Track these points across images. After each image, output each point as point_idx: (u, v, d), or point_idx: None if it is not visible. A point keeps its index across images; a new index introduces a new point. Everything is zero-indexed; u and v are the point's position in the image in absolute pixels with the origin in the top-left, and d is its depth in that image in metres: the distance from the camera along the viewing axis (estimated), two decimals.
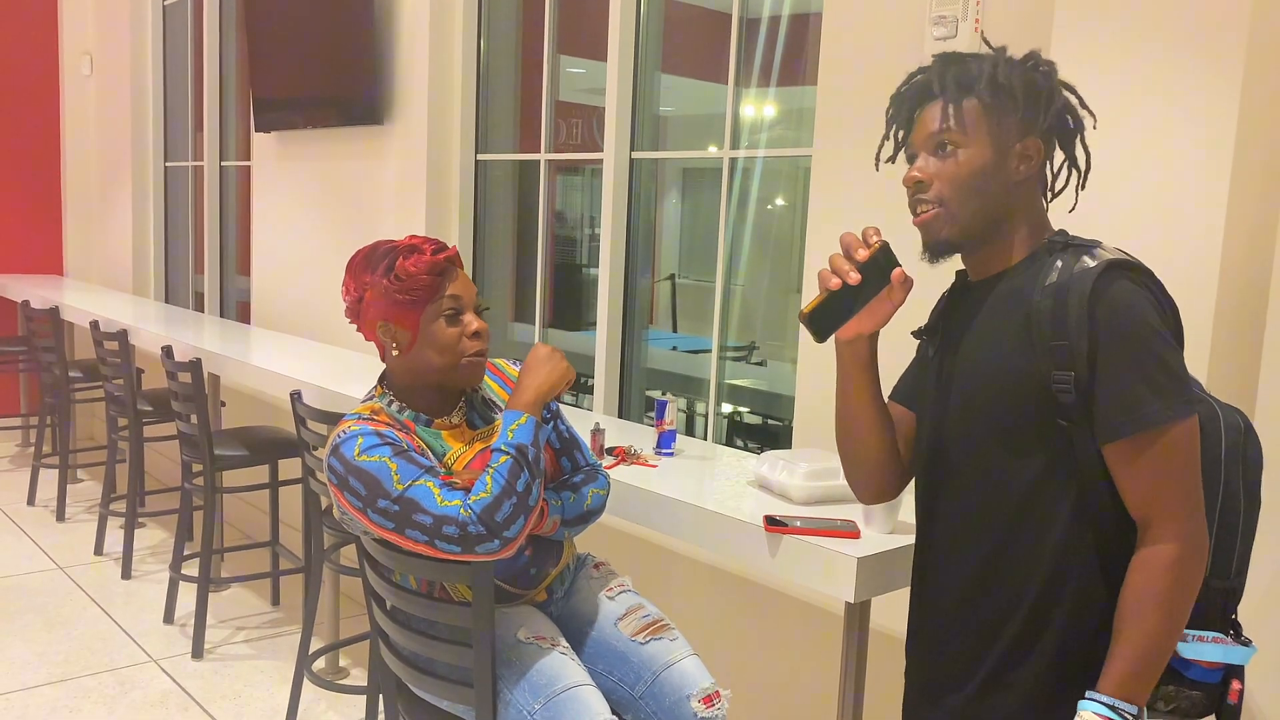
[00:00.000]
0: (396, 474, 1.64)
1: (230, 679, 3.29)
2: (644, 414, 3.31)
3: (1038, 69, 1.32)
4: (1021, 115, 1.29)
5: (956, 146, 1.29)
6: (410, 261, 1.74)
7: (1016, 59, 1.33)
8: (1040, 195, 1.37)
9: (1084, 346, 1.22)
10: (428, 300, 1.75)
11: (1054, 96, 1.31)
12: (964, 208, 1.30)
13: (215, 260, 5.33)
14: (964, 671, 1.37)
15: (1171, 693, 1.33)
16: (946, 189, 1.30)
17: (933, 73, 1.33)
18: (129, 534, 4.14)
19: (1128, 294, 1.22)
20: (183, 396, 3.46)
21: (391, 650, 1.88)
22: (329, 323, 4.21)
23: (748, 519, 1.90)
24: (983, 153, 1.29)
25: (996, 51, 1.35)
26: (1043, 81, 1.31)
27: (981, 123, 1.29)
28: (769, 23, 2.89)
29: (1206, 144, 1.73)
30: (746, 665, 2.74)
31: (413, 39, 3.71)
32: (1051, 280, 1.26)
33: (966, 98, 1.29)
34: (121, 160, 5.78)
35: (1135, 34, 1.80)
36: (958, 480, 1.38)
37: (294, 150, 4.43)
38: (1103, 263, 1.23)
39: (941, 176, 1.31)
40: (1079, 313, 1.22)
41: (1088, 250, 1.27)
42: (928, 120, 1.32)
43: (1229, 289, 1.76)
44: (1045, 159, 1.34)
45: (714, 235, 2.97)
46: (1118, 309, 1.21)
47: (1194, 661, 1.29)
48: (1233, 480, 1.29)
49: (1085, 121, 1.37)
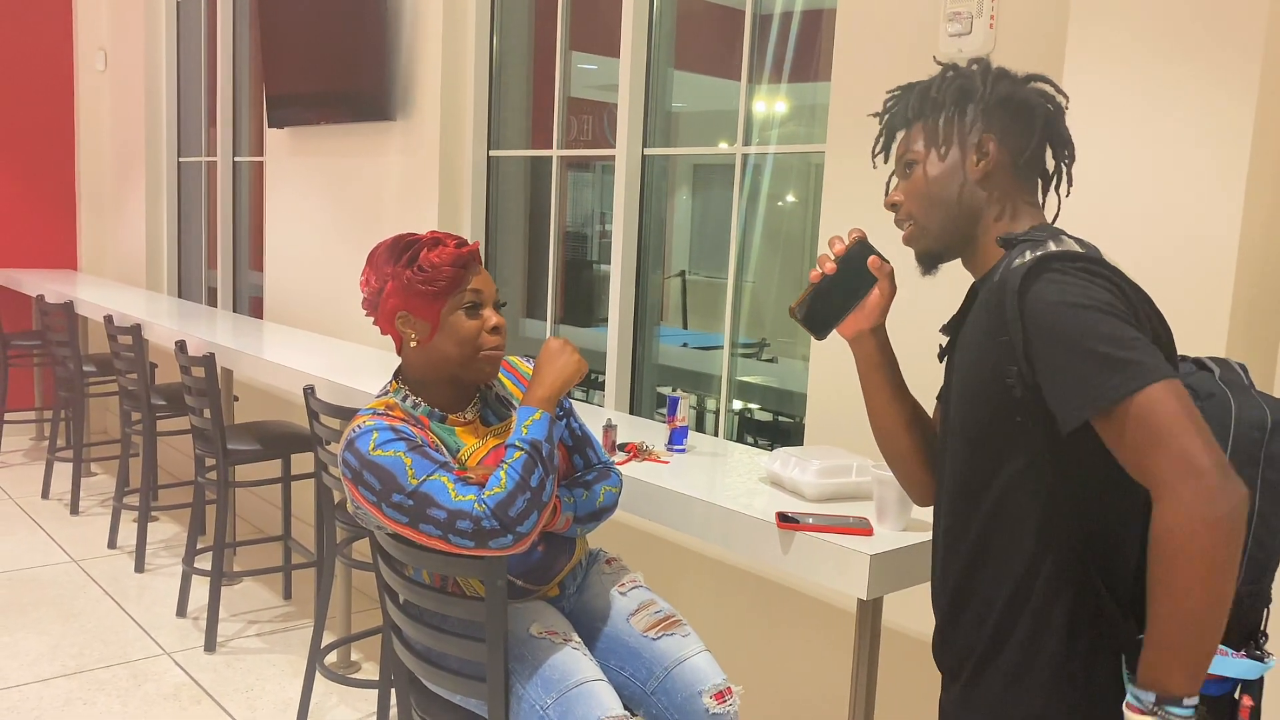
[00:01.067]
0: (411, 469, 1.65)
1: (242, 672, 3.31)
2: (655, 410, 3.31)
3: (973, 70, 1.35)
4: (955, 115, 1.34)
5: (914, 164, 1.38)
6: (434, 254, 1.75)
7: (961, 70, 1.37)
8: (1021, 191, 1.35)
9: (1020, 342, 1.21)
10: (450, 292, 1.76)
11: (990, 89, 1.33)
12: (930, 217, 1.37)
13: (228, 255, 5.35)
14: (959, 667, 1.39)
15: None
16: (913, 204, 1.38)
17: (895, 104, 1.42)
18: (142, 527, 4.16)
19: (1053, 285, 1.19)
20: (196, 391, 3.48)
21: (404, 644, 1.89)
22: (342, 318, 4.23)
23: (760, 515, 1.90)
24: (935, 163, 1.36)
25: (946, 66, 1.39)
26: (976, 82, 1.34)
27: (928, 136, 1.37)
28: (781, 19, 2.88)
29: (1222, 143, 1.72)
30: (758, 662, 2.74)
31: (425, 35, 3.72)
32: (995, 277, 1.28)
33: (917, 120, 1.38)
34: (135, 155, 5.80)
35: (1151, 33, 1.79)
36: (946, 481, 1.40)
37: (307, 146, 4.44)
38: (1033, 258, 1.23)
39: (908, 194, 1.39)
40: (1012, 310, 1.22)
41: (1033, 244, 1.27)
42: (896, 150, 1.42)
43: (1244, 291, 1.75)
44: (1011, 151, 1.33)
45: (725, 232, 2.97)
46: (1042, 302, 1.19)
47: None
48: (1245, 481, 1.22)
49: (1059, 102, 1.35)
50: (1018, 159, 1.34)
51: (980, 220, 1.36)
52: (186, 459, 5.20)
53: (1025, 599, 1.29)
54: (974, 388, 1.31)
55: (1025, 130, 1.33)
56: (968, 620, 1.36)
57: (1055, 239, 1.27)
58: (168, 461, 5.50)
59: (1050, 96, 1.36)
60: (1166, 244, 1.79)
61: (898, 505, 1.84)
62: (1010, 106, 1.33)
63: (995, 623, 1.31)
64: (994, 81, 1.34)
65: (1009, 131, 1.33)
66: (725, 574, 2.82)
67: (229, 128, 5.25)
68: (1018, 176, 1.35)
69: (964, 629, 1.37)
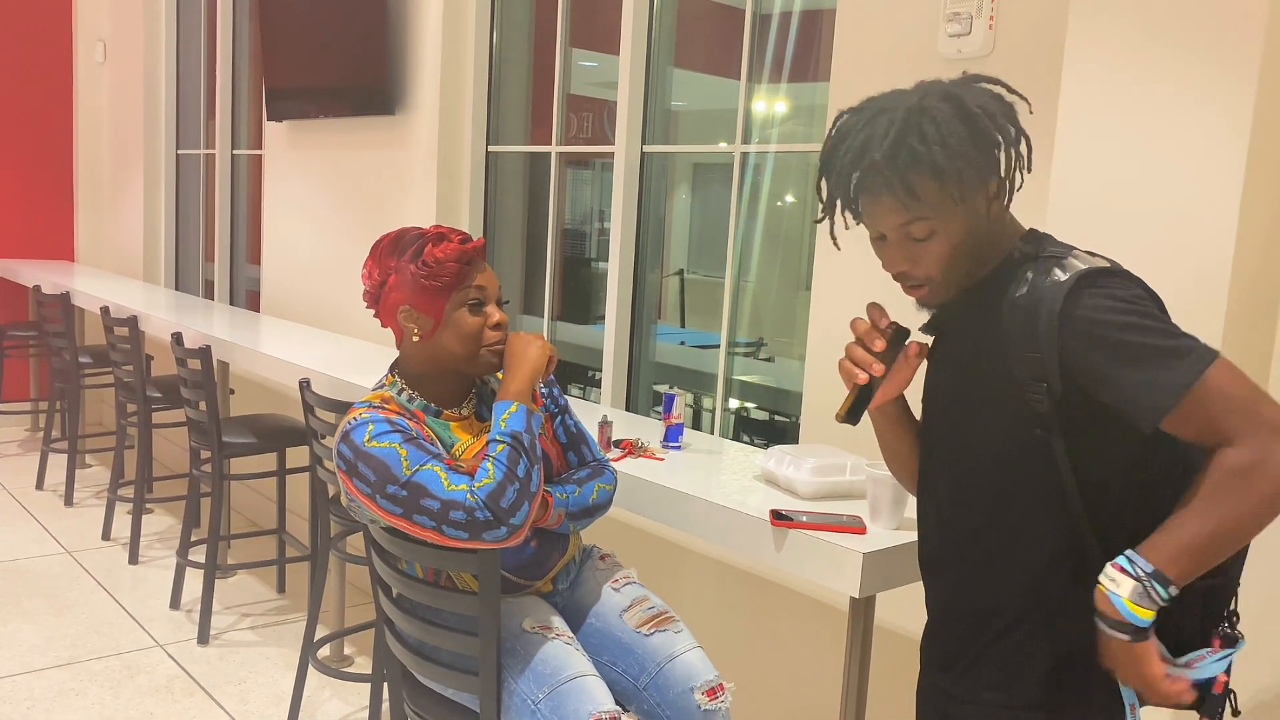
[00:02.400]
0: (406, 459, 1.65)
1: (235, 665, 3.31)
2: (651, 408, 3.31)
3: (977, 106, 1.25)
4: (979, 170, 1.25)
5: (930, 230, 1.27)
6: (440, 249, 1.75)
7: (946, 102, 1.24)
8: (1006, 205, 1.33)
9: (1055, 360, 1.22)
10: (454, 288, 1.76)
11: (1006, 134, 1.26)
12: (953, 274, 1.31)
13: (226, 248, 5.35)
14: (950, 661, 1.40)
15: None
16: (934, 269, 1.30)
17: (868, 157, 1.25)
18: (136, 519, 4.16)
19: (1099, 300, 1.21)
20: (192, 383, 3.48)
21: (397, 638, 1.89)
22: (338, 312, 4.23)
23: (754, 513, 1.90)
24: (959, 224, 1.27)
25: (913, 97, 1.27)
26: (986, 122, 1.24)
27: (943, 197, 1.24)
28: (781, 18, 2.88)
29: (1219, 146, 1.73)
30: (751, 659, 2.74)
31: (425, 29, 3.72)
32: (1022, 292, 1.26)
33: (917, 177, 1.23)
34: (134, 147, 5.80)
35: (1149, 35, 1.80)
36: (942, 484, 1.40)
37: (306, 139, 4.44)
38: (1073, 275, 1.22)
39: (924, 261, 1.29)
40: (1049, 329, 1.22)
41: (1058, 261, 1.26)
42: (884, 212, 1.28)
43: (1240, 292, 1.76)
44: (1006, 180, 1.29)
45: (724, 231, 2.97)
46: (1092, 320, 1.20)
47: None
48: None
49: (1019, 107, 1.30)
50: (1005, 182, 1.29)
51: (991, 248, 1.33)
52: (182, 452, 5.19)
53: (1031, 603, 1.30)
54: (992, 396, 1.30)
55: (1009, 151, 1.27)
56: (965, 620, 1.37)
57: (1075, 254, 1.27)
58: (163, 454, 5.50)
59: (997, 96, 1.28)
60: (1162, 247, 1.79)
61: (891, 504, 1.85)
62: (986, 144, 1.25)
63: (997, 625, 1.32)
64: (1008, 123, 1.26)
65: (990, 161, 1.27)
66: (719, 571, 2.82)
67: (228, 120, 5.25)
68: (1004, 195, 1.31)
69: (961, 628, 1.37)
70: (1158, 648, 1.23)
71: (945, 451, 1.40)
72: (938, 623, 1.44)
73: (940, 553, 1.41)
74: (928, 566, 1.45)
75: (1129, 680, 1.24)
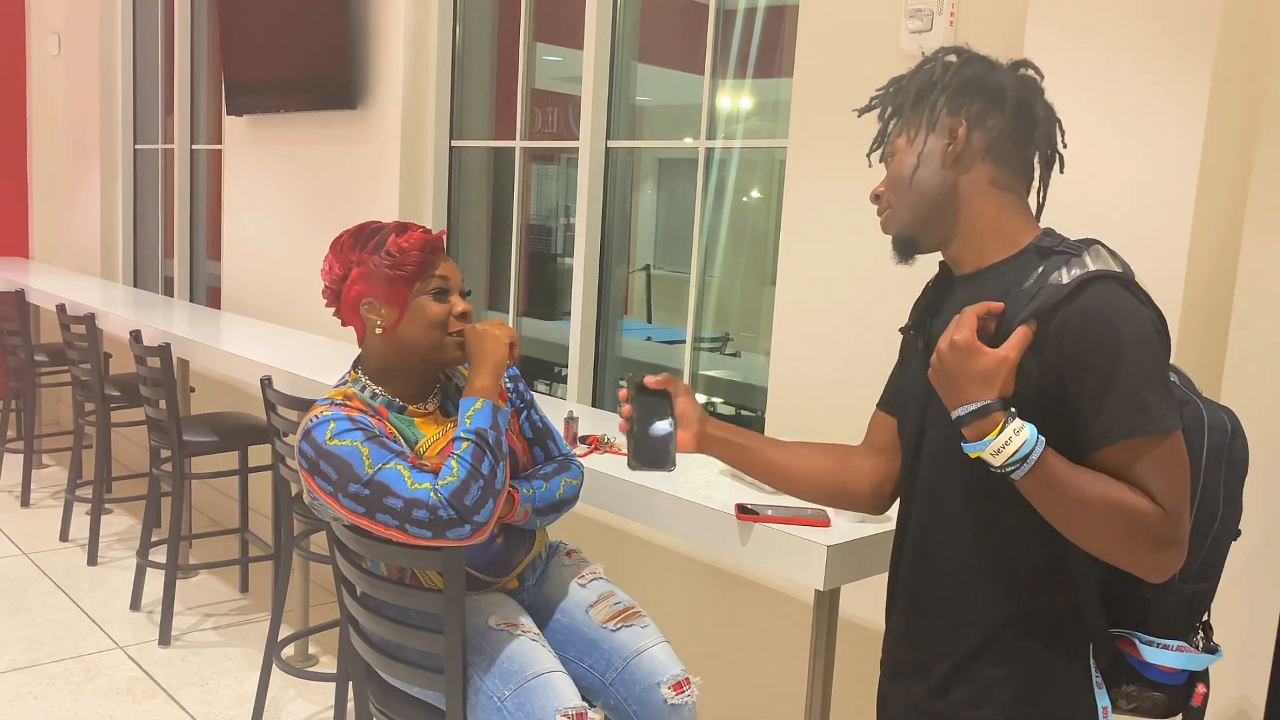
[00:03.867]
0: (368, 458, 1.64)
1: (198, 666, 3.27)
2: (617, 404, 3.31)
3: (943, 57, 1.35)
4: (924, 102, 1.34)
5: (891, 157, 1.39)
6: (402, 239, 1.75)
7: (933, 58, 1.36)
8: (1000, 176, 1.32)
9: (1057, 363, 1.21)
10: (417, 277, 1.75)
11: (954, 73, 1.32)
12: (903, 202, 1.36)
13: (185, 244, 5.28)
14: (920, 670, 1.38)
15: (1133, 692, 1.34)
16: (889, 192, 1.38)
17: (878, 102, 1.42)
18: (95, 520, 4.09)
19: (1107, 307, 1.19)
20: (151, 382, 3.43)
21: (361, 637, 1.87)
22: (300, 308, 4.18)
23: (719, 507, 1.91)
24: (907, 154, 1.35)
25: (926, 57, 1.38)
26: (940, 68, 1.34)
27: (901, 130, 1.37)
28: (745, 14, 2.89)
29: (1175, 142, 1.75)
30: (717, 652, 2.75)
31: (388, 22, 3.68)
32: (1027, 287, 1.25)
33: (896, 113, 1.39)
34: (90, 142, 5.70)
35: (1108, 31, 1.82)
36: (931, 482, 1.37)
37: (266, 134, 4.38)
38: (1075, 279, 1.21)
39: (887, 185, 1.39)
40: (1056, 329, 1.20)
41: (1068, 259, 1.24)
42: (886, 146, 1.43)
43: (1195, 286, 1.79)
44: (983, 133, 1.30)
45: (689, 226, 2.97)
46: (1100, 322, 1.19)
47: (1156, 665, 1.29)
48: (1212, 483, 1.27)
49: (1034, 82, 1.33)
50: (989, 140, 1.30)
51: (960, 209, 1.32)
52: (141, 451, 5.12)
53: (1013, 610, 1.29)
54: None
55: (995, 111, 1.30)
56: (942, 624, 1.35)
57: (1091, 251, 1.25)
58: (122, 453, 5.41)
59: (1026, 78, 1.33)
60: (1117, 243, 1.81)
61: None
62: (978, 88, 1.31)
63: (976, 634, 1.31)
64: (960, 66, 1.32)
65: (978, 114, 1.30)
66: (686, 565, 2.83)
67: (186, 115, 5.17)
68: (994, 160, 1.31)
69: (938, 632, 1.36)
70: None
71: (929, 453, 1.38)
72: (910, 630, 1.41)
73: (920, 557, 1.39)
74: (907, 571, 1.42)
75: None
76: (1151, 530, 1.17)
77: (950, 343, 1.22)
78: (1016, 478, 1.19)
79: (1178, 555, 1.20)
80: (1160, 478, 1.17)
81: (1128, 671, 1.31)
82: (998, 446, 1.18)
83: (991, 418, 1.19)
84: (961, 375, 1.21)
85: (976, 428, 1.20)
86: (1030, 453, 1.18)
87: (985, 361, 1.20)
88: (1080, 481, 1.18)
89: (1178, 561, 1.20)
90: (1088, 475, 1.19)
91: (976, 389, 1.20)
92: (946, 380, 1.24)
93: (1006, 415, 1.19)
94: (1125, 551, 1.19)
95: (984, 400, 1.20)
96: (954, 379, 1.22)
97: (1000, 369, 1.20)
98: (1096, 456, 1.20)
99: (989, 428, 1.19)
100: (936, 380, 1.25)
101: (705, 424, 1.55)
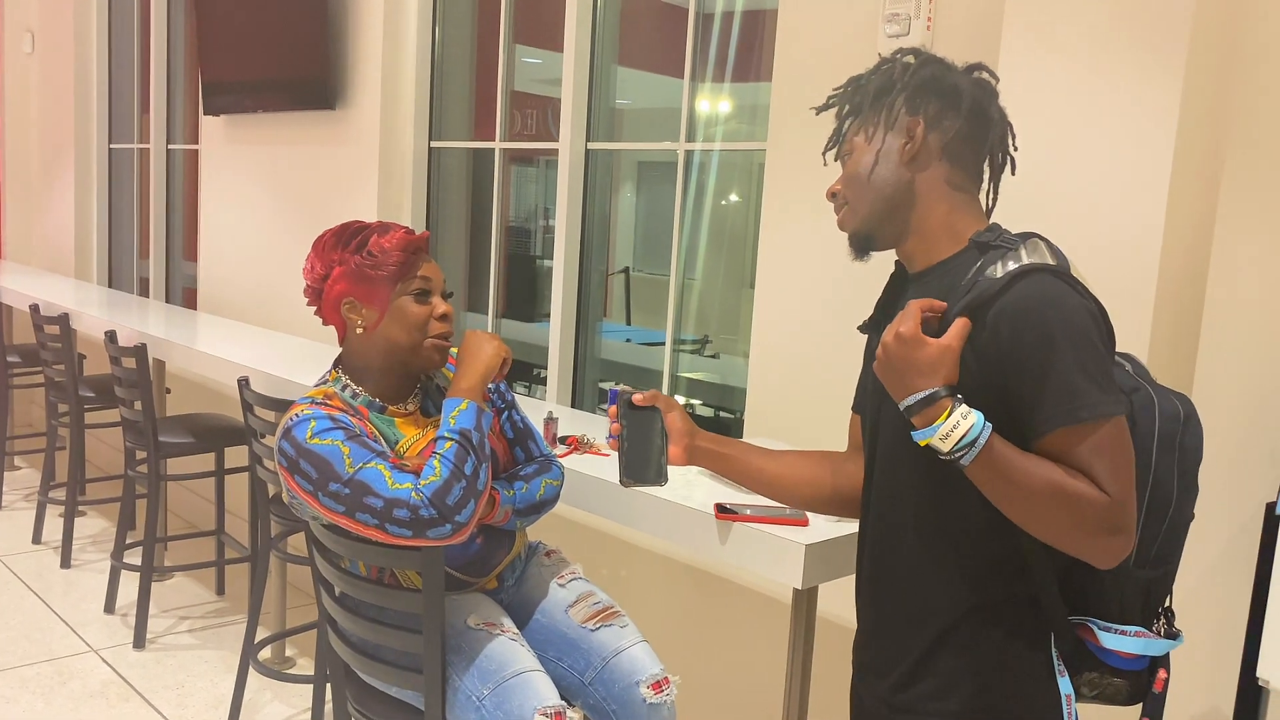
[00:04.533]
0: (349, 457, 1.63)
1: (173, 669, 3.24)
2: (597, 405, 3.32)
3: (900, 58, 1.37)
4: (882, 101, 1.36)
5: (848, 155, 1.41)
6: (385, 239, 1.75)
7: (892, 59, 1.38)
8: (954, 176, 1.34)
9: (995, 356, 1.22)
10: (399, 278, 1.75)
11: (912, 74, 1.34)
12: (860, 199, 1.38)
13: (161, 245, 5.23)
14: (885, 665, 1.39)
15: (1095, 679, 1.35)
16: (846, 189, 1.41)
17: (835, 100, 1.44)
18: (69, 522, 4.05)
19: (1039, 298, 1.21)
20: (126, 383, 3.40)
21: (340, 637, 1.87)
22: (277, 309, 4.16)
23: (698, 507, 1.91)
24: (865, 152, 1.38)
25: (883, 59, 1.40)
26: (899, 69, 1.36)
27: (859, 129, 1.39)
28: (724, 18, 2.91)
29: (1147, 145, 1.78)
30: (696, 652, 2.76)
31: (366, 22, 3.67)
32: (965, 281, 1.28)
33: (854, 112, 1.41)
34: (64, 141, 5.64)
35: (1083, 34, 1.85)
36: (886, 476, 1.39)
37: (243, 134, 4.36)
38: (1009, 272, 1.23)
39: (844, 182, 1.42)
40: (992, 323, 1.22)
41: (1004, 253, 1.26)
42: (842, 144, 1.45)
43: (1168, 286, 1.81)
44: (939, 134, 1.33)
45: (669, 228, 2.98)
46: (1033, 312, 1.20)
47: (1114, 651, 1.30)
48: (1164, 469, 1.29)
49: (989, 85, 1.36)
50: (945, 140, 1.33)
51: (913, 207, 1.35)
52: (116, 452, 5.07)
53: (973, 602, 1.30)
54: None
55: (951, 112, 1.33)
56: (904, 618, 1.36)
57: (1029, 245, 1.27)
58: (95, 455, 5.36)
59: (981, 81, 1.36)
60: (1092, 244, 1.84)
61: None
62: (935, 89, 1.34)
63: (936, 625, 1.32)
64: (919, 67, 1.35)
65: (935, 114, 1.33)
66: (665, 565, 2.84)
67: (163, 114, 5.13)
68: (948, 160, 1.34)
69: (900, 626, 1.37)
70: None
71: (882, 449, 1.40)
72: (876, 626, 1.43)
73: (880, 553, 1.40)
74: (869, 568, 1.44)
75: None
76: (1097, 516, 1.19)
77: (895, 334, 1.25)
78: (965, 463, 1.21)
79: (1126, 541, 1.21)
80: (1102, 463, 1.19)
81: (1089, 659, 1.33)
82: (945, 431, 1.20)
83: (939, 404, 1.21)
84: (907, 366, 1.24)
85: (925, 415, 1.22)
86: (978, 437, 1.19)
87: (930, 351, 1.22)
88: (1026, 466, 1.20)
89: (1126, 547, 1.22)
90: (1033, 460, 1.21)
91: (923, 378, 1.23)
92: (893, 372, 1.26)
93: (953, 401, 1.21)
94: (1072, 537, 1.21)
95: (931, 388, 1.22)
96: (900, 370, 1.24)
97: (945, 357, 1.22)
98: (1039, 445, 1.22)
99: (936, 414, 1.21)
100: (882, 373, 1.28)
101: (695, 437, 1.59)
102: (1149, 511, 1.28)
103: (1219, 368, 1.84)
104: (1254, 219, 1.79)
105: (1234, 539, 1.80)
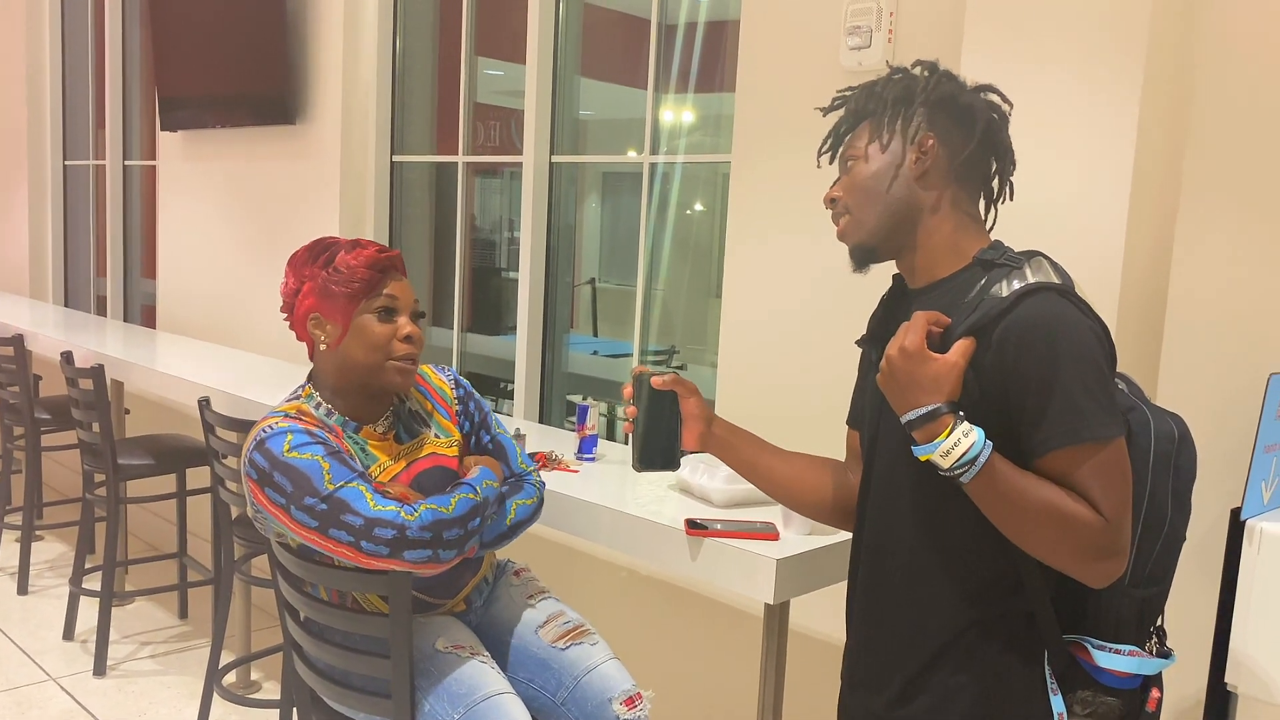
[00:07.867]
0: (329, 473, 1.61)
1: (135, 696, 3.17)
2: (565, 419, 3.30)
3: (918, 72, 1.36)
4: (897, 112, 1.34)
5: (854, 161, 1.37)
6: (352, 255, 1.74)
7: (908, 71, 1.37)
8: (961, 196, 1.35)
9: (999, 374, 1.22)
10: (363, 295, 1.73)
11: (933, 89, 1.33)
12: (866, 211, 1.36)
13: (119, 263, 5.15)
14: (879, 680, 1.38)
15: (1088, 697, 1.34)
16: (850, 198, 1.38)
17: (841, 103, 1.41)
18: (25, 547, 3.96)
19: (1045, 317, 1.21)
20: (84, 404, 3.33)
21: (305, 662, 1.83)
22: (239, 327, 4.10)
23: (669, 523, 1.90)
24: (875, 158, 1.35)
25: (894, 69, 1.38)
26: (916, 83, 1.34)
27: (870, 135, 1.36)
28: (686, 29, 2.91)
29: (1107, 156, 1.80)
30: (669, 667, 2.74)
31: (326, 36, 3.64)
32: (969, 299, 1.27)
33: (862, 117, 1.38)
34: (17, 158, 5.54)
35: (1041, 46, 1.86)
36: (884, 489, 1.38)
37: (202, 150, 4.30)
38: (1015, 291, 1.23)
39: (846, 189, 1.38)
40: (997, 341, 1.22)
41: (1009, 272, 1.26)
42: (842, 149, 1.42)
43: (1130, 293, 1.83)
44: (950, 152, 1.32)
45: (634, 239, 2.97)
46: (1040, 330, 1.20)
47: (1108, 670, 1.30)
48: (1159, 489, 1.29)
49: (1003, 110, 1.36)
50: (955, 161, 1.33)
51: (919, 222, 1.34)
52: (73, 475, 4.97)
53: (968, 617, 1.30)
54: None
55: (965, 133, 1.33)
56: (899, 634, 1.35)
57: (1033, 264, 1.27)
58: (53, 478, 5.25)
59: (995, 105, 1.36)
60: (1056, 251, 1.85)
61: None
62: (952, 108, 1.33)
63: (933, 641, 1.31)
64: (937, 83, 1.34)
65: (949, 133, 1.32)
66: (636, 581, 2.82)
67: (119, 130, 5.05)
68: (956, 180, 1.34)
69: (894, 642, 1.36)
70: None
71: (880, 464, 1.38)
72: (869, 640, 1.41)
73: (876, 566, 1.39)
74: (863, 581, 1.42)
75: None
76: (1092, 538, 1.19)
77: (900, 348, 1.24)
78: (965, 480, 1.21)
79: (1118, 564, 1.21)
80: (1101, 485, 1.19)
81: (1082, 677, 1.32)
82: (947, 448, 1.20)
83: (941, 420, 1.21)
84: (911, 381, 1.23)
85: (926, 430, 1.22)
86: (978, 455, 1.19)
87: (935, 367, 1.22)
88: (1025, 486, 1.20)
89: (1118, 570, 1.22)
90: (1032, 480, 1.20)
91: (926, 394, 1.22)
92: (896, 386, 1.25)
93: (955, 418, 1.21)
94: (1066, 558, 1.21)
95: (934, 404, 1.21)
96: (903, 385, 1.24)
97: (950, 374, 1.21)
98: (1038, 465, 1.21)
99: (938, 430, 1.21)
100: (886, 386, 1.26)
101: (712, 424, 1.53)
102: (1145, 531, 1.28)
103: (1182, 374, 1.86)
104: (1214, 221, 1.82)
105: (1199, 543, 1.81)
